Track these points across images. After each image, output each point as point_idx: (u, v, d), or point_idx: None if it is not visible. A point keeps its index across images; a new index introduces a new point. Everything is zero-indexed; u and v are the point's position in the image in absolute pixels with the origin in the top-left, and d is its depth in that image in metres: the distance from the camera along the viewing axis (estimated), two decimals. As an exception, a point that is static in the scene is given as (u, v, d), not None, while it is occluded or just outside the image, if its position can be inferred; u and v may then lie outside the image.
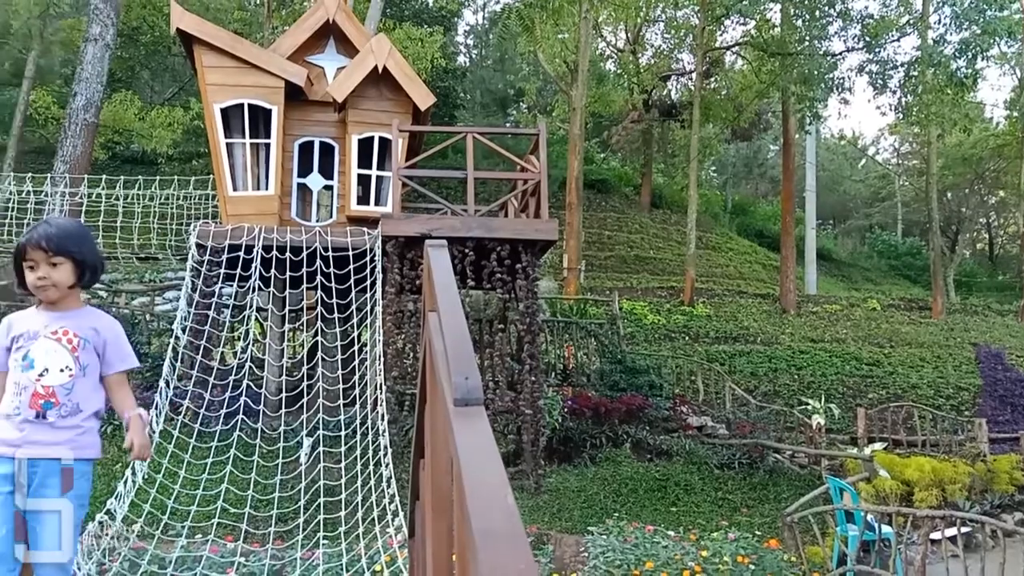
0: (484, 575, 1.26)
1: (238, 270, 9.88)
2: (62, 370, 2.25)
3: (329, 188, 11.27)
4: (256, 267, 9.74)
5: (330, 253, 9.83)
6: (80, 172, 15.33)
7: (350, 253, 9.83)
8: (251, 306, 10.22)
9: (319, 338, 10.48)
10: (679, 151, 32.28)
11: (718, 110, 28.78)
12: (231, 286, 10.73)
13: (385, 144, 10.76)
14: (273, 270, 9.89)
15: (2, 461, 2.19)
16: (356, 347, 9.67)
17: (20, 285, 2.32)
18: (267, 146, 10.76)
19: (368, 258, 9.79)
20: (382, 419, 8.01)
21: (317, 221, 11.00)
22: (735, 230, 36.06)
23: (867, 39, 22.53)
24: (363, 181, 10.94)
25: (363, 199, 10.92)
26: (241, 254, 9.77)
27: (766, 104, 32.14)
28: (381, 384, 8.41)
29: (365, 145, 10.86)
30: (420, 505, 3.85)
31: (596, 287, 22.90)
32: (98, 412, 2.33)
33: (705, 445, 11.92)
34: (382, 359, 8.80)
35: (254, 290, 10.05)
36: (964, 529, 8.67)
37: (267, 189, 10.69)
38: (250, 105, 10.61)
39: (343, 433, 8.66)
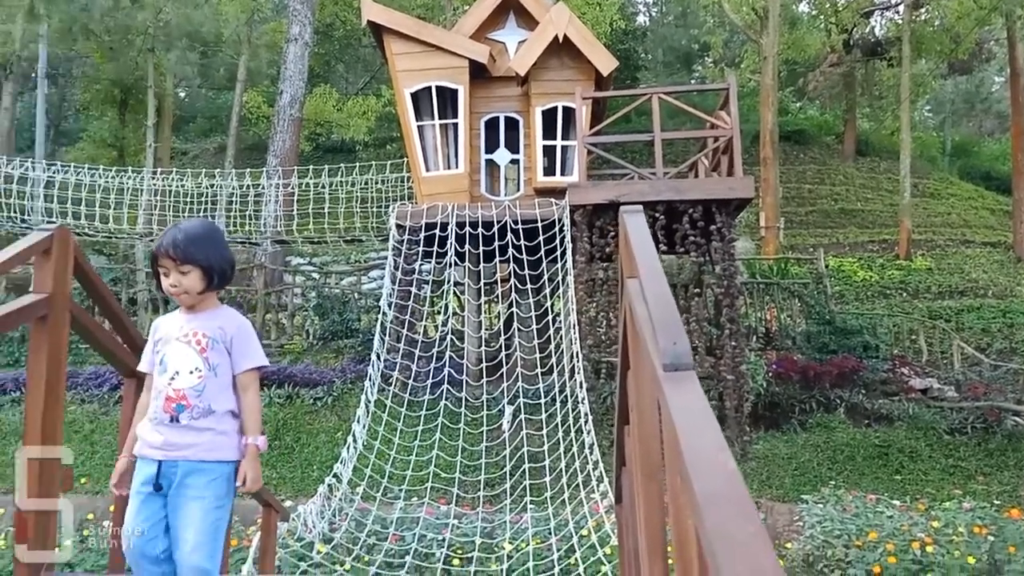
0: (712, 539, 1.17)
1: (435, 247, 10.29)
2: (192, 372, 2.24)
3: (516, 162, 11.42)
4: (451, 243, 10.08)
5: (520, 226, 9.97)
6: (290, 164, 16.63)
7: (539, 224, 9.92)
8: (449, 281, 10.61)
9: (514, 309, 10.71)
10: (887, 92, 29.61)
11: (931, 43, 25.99)
12: (429, 263, 11.20)
13: (569, 113, 10.71)
14: (467, 245, 10.19)
15: (146, 462, 2.22)
16: (550, 317, 9.77)
17: (159, 288, 2.36)
18: (455, 126, 11.06)
19: (557, 228, 9.83)
20: (580, 387, 8.04)
21: (506, 195, 11.19)
22: (956, 174, 32.59)
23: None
24: (548, 152, 10.97)
25: (549, 170, 10.96)
26: (437, 232, 10.15)
27: (988, 32, 28.64)
28: (577, 352, 8.43)
29: (549, 116, 10.88)
30: (626, 471, 3.79)
31: (798, 245, 21.64)
32: (234, 411, 2.27)
33: (931, 409, 10.92)
34: (576, 328, 8.82)
35: (450, 265, 10.42)
36: None
37: (457, 168, 11.01)
38: (437, 87, 10.94)
39: (543, 401, 8.80)
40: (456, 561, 7.07)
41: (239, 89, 21.80)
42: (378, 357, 9.28)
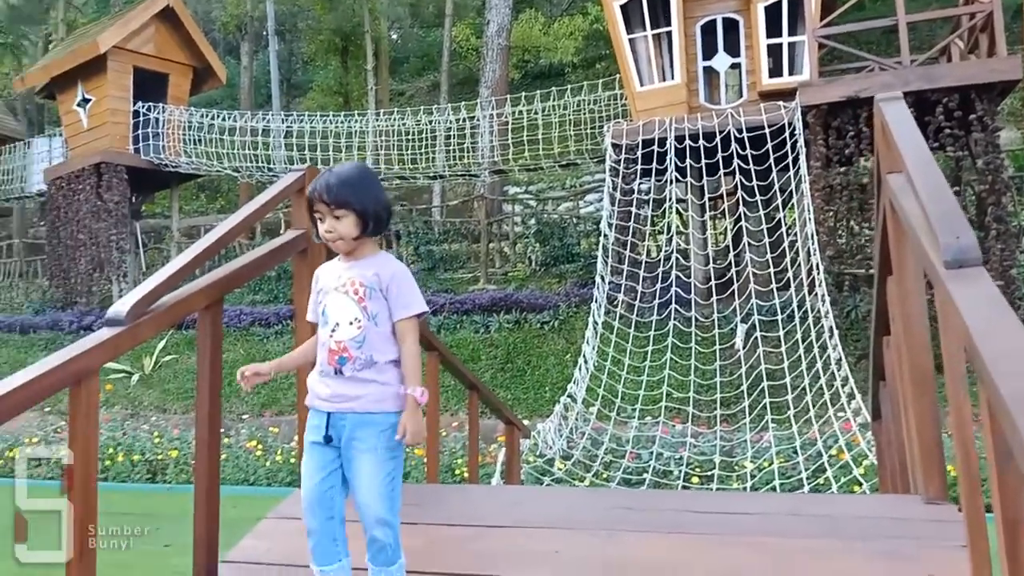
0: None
1: (653, 164, 10.01)
2: (351, 323, 2.19)
3: (736, 66, 10.73)
4: (671, 159, 9.77)
5: (744, 134, 9.43)
6: (501, 94, 16.83)
7: (766, 131, 9.32)
8: (670, 198, 10.33)
9: (742, 223, 10.23)
10: None
11: None
12: (648, 181, 10.95)
13: (795, 6, 9.83)
14: (688, 160, 9.82)
15: (316, 414, 2.23)
16: (783, 229, 9.21)
17: (316, 235, 2.29)
18: (668, 34, 10.56)
19: (787, 133, 9.17)
20: (822, 301, 7.55)
21: (727, 103, 10.59)
22: None
23: None
24: (773, 52, 10.18)
25: (775, 71, 10.18)
26: (655, 148, 9.86)
27: None
28: (817, 264, 7.90)
29: (773, 11, 10.06)
30: (886, 385, 3.49)
31: (1077, 130, 18.62)
32: (397, 361, 2.21)
33: None
34: (814, 238, 8.25)
35: (671, 182, 10.11)
36: None
37: (673, 79, 10.55)
38: (648, -5, 10.47)
39: (779, 317, 8.39)
40: (695, 479, 7.04)
41: (447, 24, 22.28)
42: (602, 279, 9.31)
